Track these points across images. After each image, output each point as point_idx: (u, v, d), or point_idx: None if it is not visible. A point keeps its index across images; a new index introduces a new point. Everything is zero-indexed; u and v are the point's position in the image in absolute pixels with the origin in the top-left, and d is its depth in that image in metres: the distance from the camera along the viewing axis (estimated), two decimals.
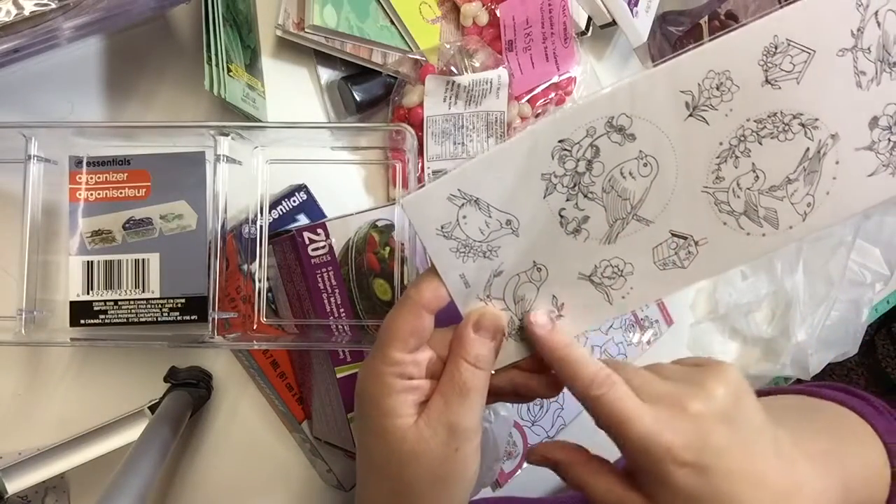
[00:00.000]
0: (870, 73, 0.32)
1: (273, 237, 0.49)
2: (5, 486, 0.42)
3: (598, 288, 0.35)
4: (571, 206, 0.33)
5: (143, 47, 0.50)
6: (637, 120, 0.32)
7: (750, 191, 0.33)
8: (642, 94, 0.32)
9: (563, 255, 0.34)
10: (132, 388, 0.49)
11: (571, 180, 0.33)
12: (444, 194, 0.33)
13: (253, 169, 0.47)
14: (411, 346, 0.33)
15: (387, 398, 0.33)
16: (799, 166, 0.32)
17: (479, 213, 0.34)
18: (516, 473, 0.63)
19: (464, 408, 0.33)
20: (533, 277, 0.35)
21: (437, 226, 0.34)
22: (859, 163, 0.32)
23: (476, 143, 0.56)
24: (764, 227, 0.33)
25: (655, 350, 0.69)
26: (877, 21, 0.31)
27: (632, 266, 0.34)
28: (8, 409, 0.47)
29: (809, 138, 0.32)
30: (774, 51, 0.31)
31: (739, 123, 0.32)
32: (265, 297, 0.48)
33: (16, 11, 0.37)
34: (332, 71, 0.55)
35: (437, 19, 0.56)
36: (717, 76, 0.31)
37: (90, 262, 0.44)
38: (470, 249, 0.34)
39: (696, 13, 0.63)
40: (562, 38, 0.59)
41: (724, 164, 0.32)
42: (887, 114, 0.32)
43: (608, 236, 0.34)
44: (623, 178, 0.33)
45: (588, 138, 0.33)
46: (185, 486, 0.51)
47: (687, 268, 0.34)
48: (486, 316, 0.34)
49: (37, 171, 0.43)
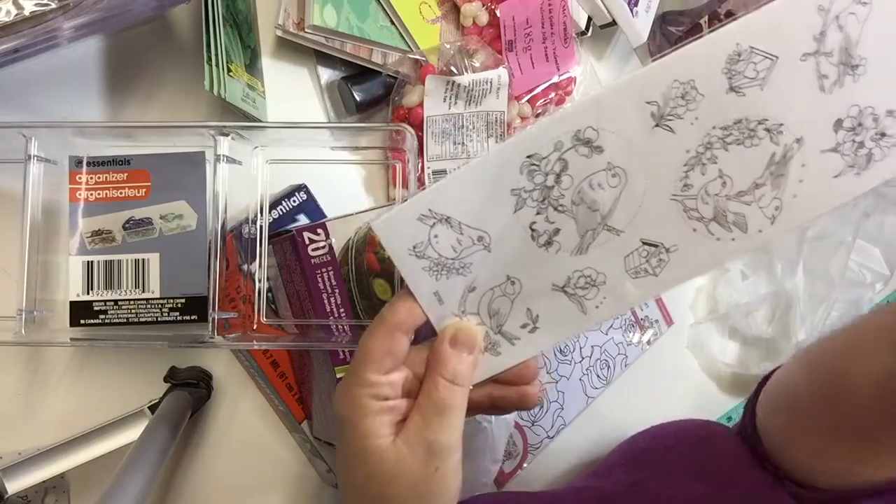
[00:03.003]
0: (832, 76, 0.32)
1: (273, 237, 0.49)
2: (5, 486, 0.42)
3: (571, 299, 0.35)
4: (542, 220, 0.34)
5: (143, 47, 0.50)
6: (604, 132, 0.32)
7: (718, 197, 0.33)
8: (608, 107, 0.32)
9: (536, 267, 0.34)
10: (132, 388, 0.49)
11: (541, 194, 0.33)
12: (415, 215, 0.34)
13: (253, 169, 0.47)
14: (386, 366, 0.33)
15: (363, 419, 0.33)
16: (766, 171, 0.33)
17: (451, 230, 0.34)
18: (516, 473, 0.63)
19: (442, 426, 0.33)
20: (507, 291, 0.35)
21: (410, 246, 0.34)
22: (825, 165, 0.33)
23: (476, 143, 0.56)
24: (733, 231, 0.33)
25: (655, 350, 0.69)
26: (838, 25, 0.32)
27: (604, 276, 0.34)
28: (8, 409, 0.47)
29: (775, 143, 0.32)
30: (738, 58, 0.32)
31: (705, 131, 0.32)
32: (265, 297, 0.48)
33: (16, 11, 0.37)
34: (332, 71, 0.55)
35: (437, 19, 0.56)
36: (682, 85, 0.32)
37: (90, 262, 0.44)
38: (443, 267, 0.34)
39: (696, 13, 0.63)
40: (562, 38, 0.59)
41: (691, 172, 0.33)
42: (850, 115, 0.32)
43: (580, 247, 0.34)
44: (592, 189, 0.33)
45: (556, 152, 0.33)
46: (185, 486, 0.51)
47: (659, 275, 0.34)
48: (461, 331, 0.34)
49: (37, 171, 0.43)
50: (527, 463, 0.63)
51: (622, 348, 0.67)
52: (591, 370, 0.65)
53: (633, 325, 0.68)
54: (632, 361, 0.67)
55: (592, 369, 0.66)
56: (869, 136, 0.33)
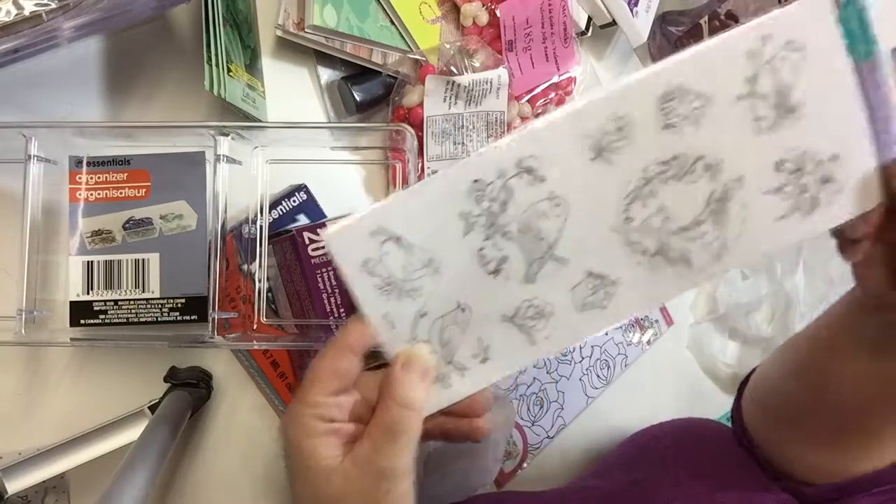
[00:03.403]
0: (769, 118, 0.32)
1: (273, 237, 0.49)
2: (5, 486, 0.42)
3: (521, 329, 0.34)
4: (490, 246, 0.34)
5: (143, 47, 0.50)
6: (545, 161, 0.33)
7: (661, 231, 0.33)
8: (549, 137, 0.32)
9: (486, 295, 0.34)
10: (132, 388, 0.49)
11: (488, 220, 0.33)
12: (367, 230, 0.33)
13: (253, 169, 0.47)
14: (333, 387, 0.33)
15: (307, 439, 0.32)
16: (706, 208, 0.33)
17: (401, 250, 0.34)
18: (516, 473, 0.63)
19: (394, 451, 0.32)
20: (457, 319, 0.34)
21: (361, 261, 0.34)
22: (768, 206, 0.33)
23: (476, 143, 0.57)
24: (678, 266, 0.34)
25: (655, 350, 0.69)
26: (771, 69, 0.32)
27: (553, 306, 0.34)
28: (8, 409, 0.47)
29: (714, 181, 0.33)
30: (671, 96, 0.32)
31: (644, 165, 0.33)
32: (265, 297, 0.48)
33: (16, 11, 0.37)
34: (332, 71, 0.55)
35: (437, 19, 0.56)
36: (619, 120, 0.32)
37: (90, 262, 0.44)
38: (393, 287, 0.34)
39: (696, 13, 0.63)
40: (562, 38, 0.59)
41: (632, 206, 0.33)
42: (791, 158, 0.33)
43: (527, 276, 0.34)
44: (537, 218, 0.33)
45: (500, 179, 0.33)
46: (185, 486, 0.51)
47: (606, 308, 0.34)
48: (414, 356, 0.34)
49: (37, 171, 0.43)
50: (527, 463, 0.63)
51: (622, 348, 0.67)
52: (591, 370, 0.65)
53: (633, 325, 0.68)
54: (632, 361, 0.67)
55: (592, 369, 0.66)
56: (812, 181, 0.33)
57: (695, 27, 0.63)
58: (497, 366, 0.35)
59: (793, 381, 0.47)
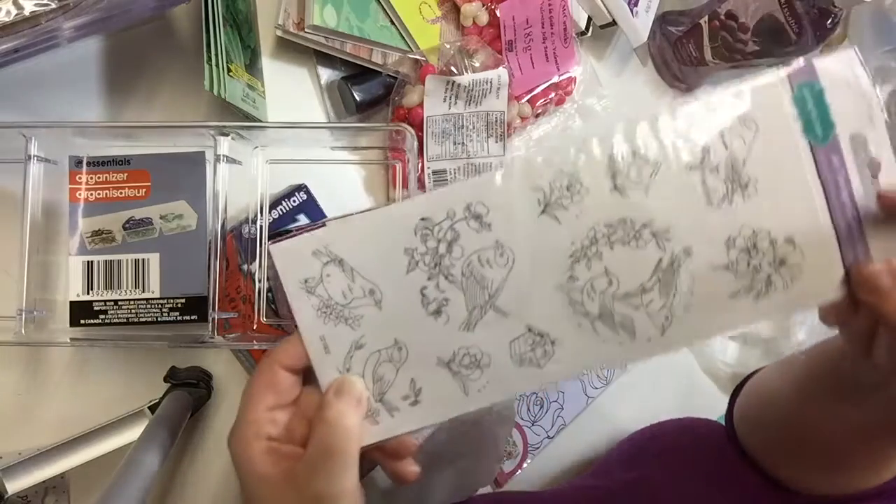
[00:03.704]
0: (720, 191, 0.32)
1: (273, 237, 0.49)
2: (5, 486, 0.42)
3: (455, 377, 0.34)
4: (433, 286, 0.33)
5: (143, 47, 0.50)
6: (493, 209, 0.32)
7: (604, 295, 0.32)
8: (498, 187, 0.32)
9: (424, 336, 0.33)
10: (132, 388, 0.49)
11: (433, 259, 0.33)
12: (311, 248, 0.33)
13: (253, 169, 0.47)
14: (269, 402, 0.33)
15: (246, 458, 0.32)
16: (653, 276, 0.32)
17: (343, 274, 0.33)
18: (516, 473, 0.63)
19: (330, 474, 0.31)
20: (393, 357, 0.34)
21: (302, 279, 0.33)
22: (718, 282, 0.32)
23: (476, 143, 0.57)
24: (620, 334, 0.33)
25: None
26: (723, 142, 0.31)
27: (489, 358, 0.33)
28: (8, 409, 0.47)
29: (661, 248, 0.32)
30: (621, 159, 0.32)
31: (590, 225, 0.32)
32: (265, 297, 0.48)
33: (16, 11, 0.37)
34: (332, 71, 0.55)
35: (437, 19, 0.56)
36: (568, 177, 0.32)
37: (90, 262, 0.44)
38: (332, 311, 0.34)
39: (696, 13, 0.63)
40: (562, 38, 0.59)
41: (577, 265, 0.32)
42: (744, 235, 0.32)
43: (467, 323, 0.33)
44: (481, 265, 0.33)
45: (448, 220, 0.33)
46: (185, 486, 0.51)
47: (543, 367, 0.33)
48: (347, 383, 0.33)
49: (37, 171, 0.43)
50: (527, 463, 0.63)
51: None
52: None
53: None
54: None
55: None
56: (766, 261, 0.32)
57: (695, 27, 0.63)
58: (426, 411, 0.34)
59: (778, 413, 0.46)
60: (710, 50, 0.62)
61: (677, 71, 0.67)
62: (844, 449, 0.41)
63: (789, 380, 0.45)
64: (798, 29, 0.56)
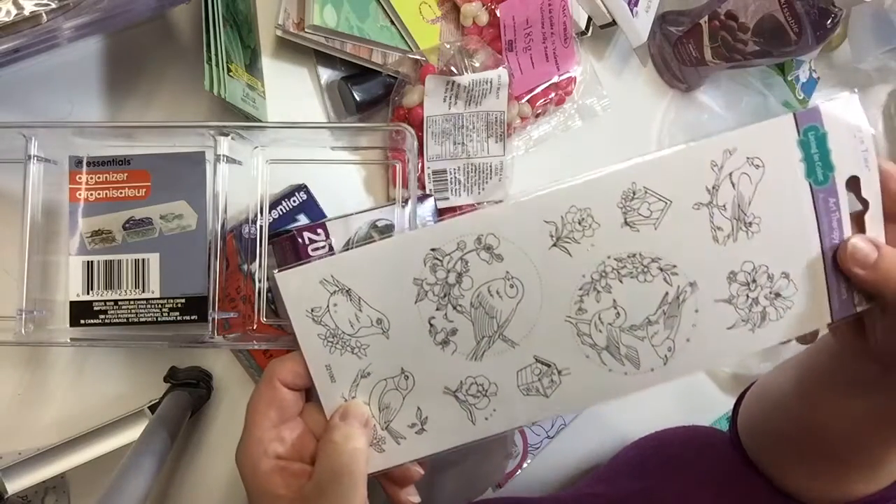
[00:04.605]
0: (726, 228, 0.33)
1: (273, 237, 0.49)
2: (5, 486, 0.42)
3: (462, 405, 0.34)
4: (441, 317, 0.33)
5: (143, 47, 0.50)
6: (504, 241, 0.33)
7: (612, 326, 0.33)
8: (510, 219, 0.33)
9: (431, 365, 0.34)
10: (132, 388, 0.49)
11: (442, 290, 0.33)
12: (318, 277, 0.33)
13: (253, 169, 0.47)
14: (273, 418, 0.33)
15: (255, 475, 0.33)
16: (659, 309, 0.33)
17: (350, 304, 0.33)
18: (516, 473, 0.63)
19: (340, 495, 0.31)
20: (399, 385, 0.34)
21: (308, 308, 0.34)
22: (718, 314, 0.33)
23: (476, 143, 0.57)
24: (626, 365, 0.34)
25: None
26: (731, 182, 0.33)
27: (496, 387, 0.34)
28: (8, 409, 0.47)
29: (668, 283, 0.33)
30: (633, 196, 0.32)
31: (601, 259, 0.33)
32: (265, 297, 0.48)
33: (16, 11, 0.37)
34: (332, 71, 0.55)
35: (437, 19, 0.56)
36: (580, 211, 0.32)
37: (90, 262, 0.44)
38: (338, 340, 0.34)
39: (696, 13, 0.63)
40: (562, 38, 0.59)
41: (586, 297, 0.33)
42: (745, 270, 0.33)
43: (475, 353, 0.34)
44: (490, 296, 0.33)
45: (458, 251, 0.33)
46: (185, 486, 0.51)
47: (549, 397, 0.34)
48: (353, 406, 0.33)
49: (37, 171, 0.43)
50: (527, 463, 0.63)
51: None
52: None
53: None
54: None
55: None
56: (763, 294, 0.33)
57: (695, 27, 0.63)
58: (433, 439, 0.34)
59: (783, 417, 0.46)
60: (710, 50, 0.62)
61: (677, 71, 0.67)
62: (853, 447, 0.41)
63: (792, 381, 0.45)
64: (798, 29, 0.56)
